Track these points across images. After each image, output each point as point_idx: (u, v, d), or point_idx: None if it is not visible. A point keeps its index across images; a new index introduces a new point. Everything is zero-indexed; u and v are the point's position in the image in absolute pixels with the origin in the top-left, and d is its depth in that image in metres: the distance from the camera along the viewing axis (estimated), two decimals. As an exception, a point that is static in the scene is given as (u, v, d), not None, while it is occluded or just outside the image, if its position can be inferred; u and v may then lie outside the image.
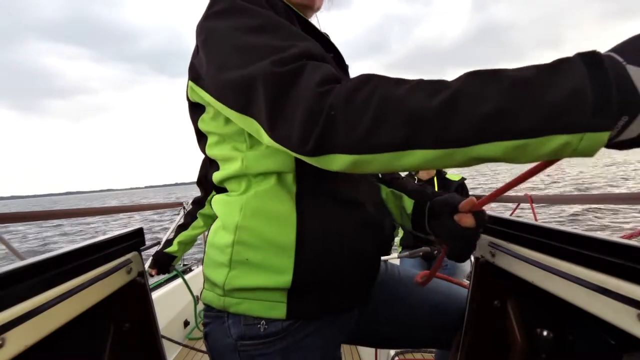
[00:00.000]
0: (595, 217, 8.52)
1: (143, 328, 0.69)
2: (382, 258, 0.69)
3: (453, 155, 0.34)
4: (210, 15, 0.51)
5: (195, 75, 0.54)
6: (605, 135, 0.29)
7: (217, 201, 0.61)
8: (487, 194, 0.53)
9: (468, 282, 0.73)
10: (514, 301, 0.68)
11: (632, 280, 0.39)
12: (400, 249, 2.24)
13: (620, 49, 0.30)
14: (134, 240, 0.70)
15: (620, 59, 0.29)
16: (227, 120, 0.55)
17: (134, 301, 0.68)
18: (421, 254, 1.99)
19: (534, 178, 0.44)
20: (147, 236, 0.82)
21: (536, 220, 1.67)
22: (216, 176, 0.60)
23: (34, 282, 0.45)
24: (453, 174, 2.18)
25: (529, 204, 1.98)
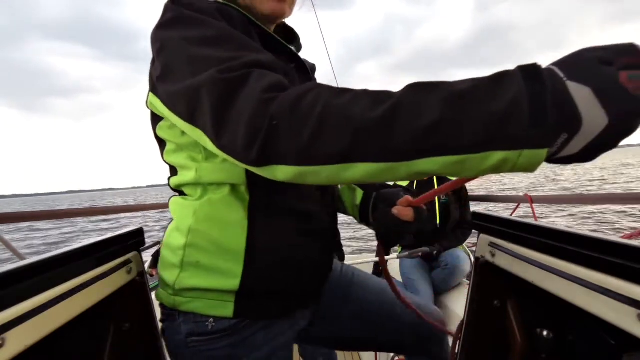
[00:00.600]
0: (596, 217, 8.52)
1: (143, 328, 0.69)
2: (384, 258, 0.70)
3: (396, 169, 0.33)
4: (161, 25, 0.51)
5: (152, 84, 0.54)
6: (543, 152, 0.28)
7: (174, 203, 0.62)
8: (483, 194, 0.55)
9: (468, 282, 0.73)
10: (514, 301, 0.68)
11: (632, 280, 0.39)
12: (399, 249, 2.24)
13: (562, 63, 0.30)
14: (134, 240, 0.70)
15: (561, 74, 0.29)
16: (184, 131, 0.55)
17: (134, 301, 0.68)
18: (420, 254, 1.99)
19: (531, 177, 0.44)
20: (147, 236, 0.82)
21: (536, 220, 1.67)
22: (173, 181, 0.62)
23: (34, 282, 0.45)
24: None
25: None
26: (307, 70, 0.66)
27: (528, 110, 0.28)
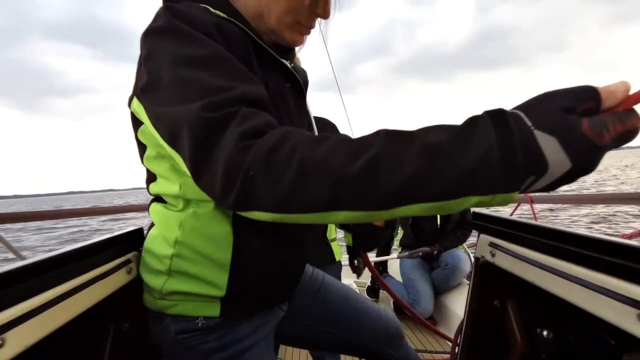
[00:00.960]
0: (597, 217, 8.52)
1: (143, 328, 0.69)
2: (382, 258, 0.71)
3: (376, 215, 0.34)
4: (151, 31, 0.48)
5: (137, 90, 0.51)
6: (514, 194, 0.31)
7: (156, 211, 0.61)
8: None
9: (468, 282, 0.73)
10: (514, 301, 0.68)
11: (632, 280, 0.39)
12: (399, 249, 2.24)
13: (528, 109, 0.31)
14: (134, 240, 0.70)
15: (528, 122, 0.30)
16: None
17: (134, 301, 0.68)
18: (420, 254, 1.99)
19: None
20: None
21: (536, 220, 1.67)
22: (153, 188, 0.60)
23: (34, 282, 0.45)
24: None
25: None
26: (302, 89, 0.64)
27: (499, 162, 0.30)
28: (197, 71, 0.44)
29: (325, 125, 1.45)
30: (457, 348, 0.74)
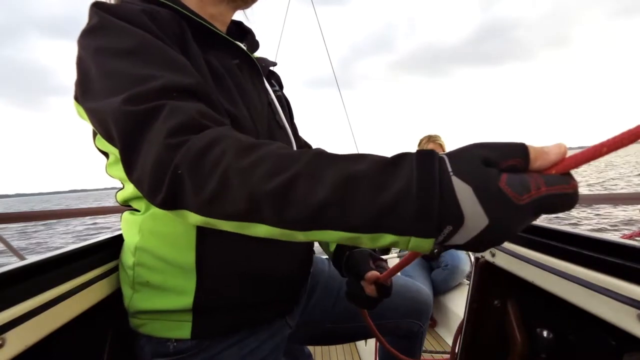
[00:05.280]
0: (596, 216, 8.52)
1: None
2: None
3: (294, 235, 0.33)
4: (84, 32, 0.47)
5: (75, 93, 0.50)
6: (430, 241, 0.29)
7: (124, 220, 0.58)
8: None
9: (468, 282, 0.73)
10: (514, 301, 0.68)
11: (632, 280, 0.39)
12: (399, 249, 2.24)
13: (452, 156, 0.30)
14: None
15: (449, 167, 0.29)
16: None
17: (134, 301, 0.68)
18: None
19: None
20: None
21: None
22: (120, 195, 0.58)
23: (34, 282, 0.45)
24: None
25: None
26: (257, 66, 0.63)
27: (415, 202, 0.28)
28: (121, 62, 0.43)
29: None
30: (457, 348, 0.74)
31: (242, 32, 0.70)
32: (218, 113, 0.43)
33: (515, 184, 0.27)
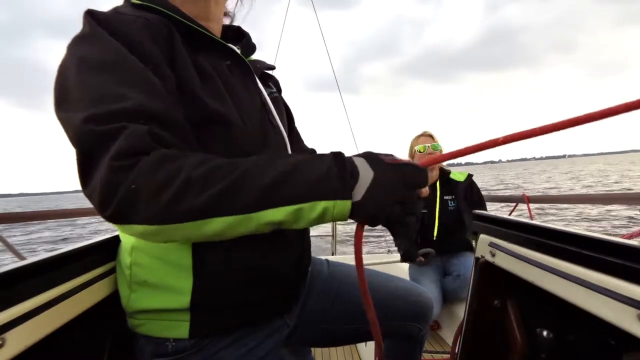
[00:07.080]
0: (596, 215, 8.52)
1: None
2: (384, 261, 0.70)
3: (249, 219, 0.40)
4: (73, 40, 0.48)
5: None
6: (348, 203, 0.41)
7: None
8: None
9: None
10: (514, 301, 0.68)
11: (632, 280, 0.39)
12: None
13: (357, 155, 0.46)
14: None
15: (352, 156, 0.45)
16: None
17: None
18: (423, 258, 1.97)
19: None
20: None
21: (532, 219, 1.66)
22: None
23: (34, 282, 0.45)
24: (457, 172, 2.02)
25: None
26: (247, 66, 0.63)
27: (336, 172, 0.41)
28: (98, 76, 0.44)
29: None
30: (457, 348, 0.74)
31: (239, 35, 0.71)
32: (184, 136, 0.47)
33: (386, 155, 0.46)
